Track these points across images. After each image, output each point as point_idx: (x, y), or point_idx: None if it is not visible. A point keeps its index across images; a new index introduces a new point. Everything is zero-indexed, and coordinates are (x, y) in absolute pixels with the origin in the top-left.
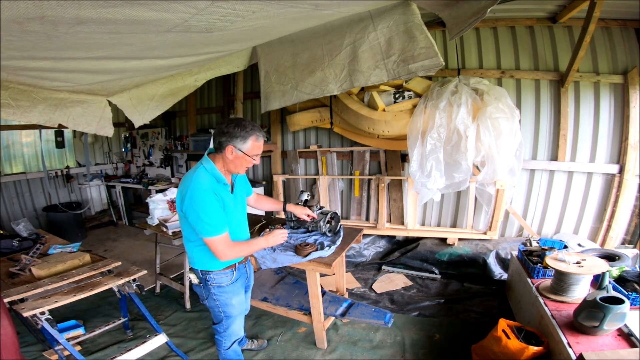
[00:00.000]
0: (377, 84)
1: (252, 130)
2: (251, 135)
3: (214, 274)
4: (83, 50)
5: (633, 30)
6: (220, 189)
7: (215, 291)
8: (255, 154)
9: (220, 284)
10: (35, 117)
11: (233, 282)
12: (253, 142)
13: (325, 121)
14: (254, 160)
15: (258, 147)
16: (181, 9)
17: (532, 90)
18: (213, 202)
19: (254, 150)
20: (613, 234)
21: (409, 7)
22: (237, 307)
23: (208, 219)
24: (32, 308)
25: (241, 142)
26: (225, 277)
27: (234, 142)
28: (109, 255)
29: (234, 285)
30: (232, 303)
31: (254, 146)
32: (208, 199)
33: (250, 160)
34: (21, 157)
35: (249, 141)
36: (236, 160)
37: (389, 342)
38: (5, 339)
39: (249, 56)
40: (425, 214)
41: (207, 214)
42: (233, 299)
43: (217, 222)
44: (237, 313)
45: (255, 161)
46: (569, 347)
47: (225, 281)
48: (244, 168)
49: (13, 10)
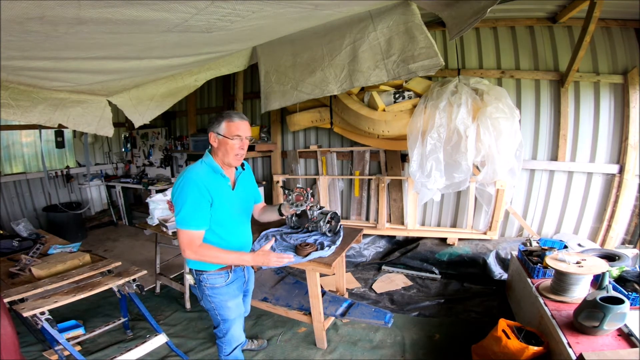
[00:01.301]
0: (377, 84)
1: (227, 115)
2: (224, 118)
3: (207, 274)
4: (83, 50)
5: (633, 30)
6: (215, 181)
7: (210, 292)
8: (233, 134)
9: (214, 285)
10: (35, 117)
11: (228, 283)
12: (227, 123)
13: (325, 121)
14: (234, 141)
15: (235, 127)
16: (181, 9)
17: (532, 90)
18: (196, 195)
19: (231, 130)
20: (613, 234)
21: (409, 7)
22: (233, 309)
23: (185, 209)
24: (32, 308)
25: (217, 126)
26: (219, 278)
27: (213, 129)
28: (109, 255)
29: (229, 287)
30: (227, 305)
31: (229, 126)
32: (192, 190)
33: (231, 142)
34: (21, 157)
35: (223, 123)
36: (221, 147)
37: (389, 342)
38: (5, 339)
39: (249, 56)
40: (425, 214)
41: (186, 203)
42: (229, 301)
43: (193, 215)
44: (234, 316)
45: (236, 143)
46: (569, 347)
47: (219, 282)
48: (232, 154)
49: (13, 10)
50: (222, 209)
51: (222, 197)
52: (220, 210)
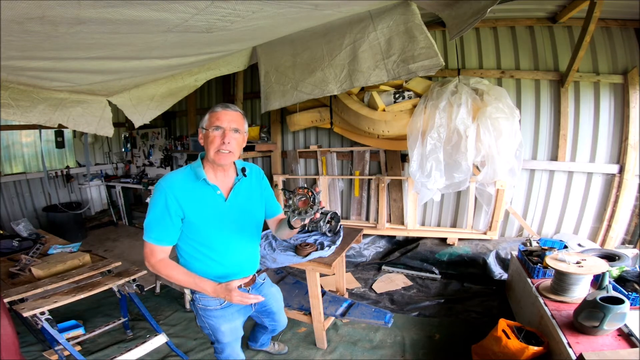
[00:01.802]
0: (377, 84)
1: (212, 107)
2: (208, 111)
3: (200, 294)
4: (83, 50)
5: (633, 30)
6: (194, 191)
7: (202, 313)
8: (213, 125)
9: (206, 306)
10: (35, 117)
11: (224, 307)
12: (209, 114)
13: (325, 121)
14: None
15: (215, 117)
16: (181, 9)
17: (532, 90)
18: (160, 207)
19: (211, 121)
20: (613, 234)
21: (409, 7)
22: (227, 334)
23: (147, 219)
24: (32, 308)
25: (201, 120)
26: (212, 300)
27: (199, 125)
28: (109, 255)
29: (224, 311)
30: (221, 330)
31: (210, 117)
32: (158, 200)
33: (212, 134)
34: (21, 157)
35: (206, 115)
36: (205, 143)
37: (389, 342)
38: (5, 339)
39: (249, 56)
40: (425, 214)
41: (149, 214)
42: (222, 325)
43: (152, 228)
44: (227, 340)
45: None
46: (569, 347)
47: (212, 305)
48: (212, 149)
49: (13, 10)
50: (204, 224)
51: (204, 210)
52: (201, 226)
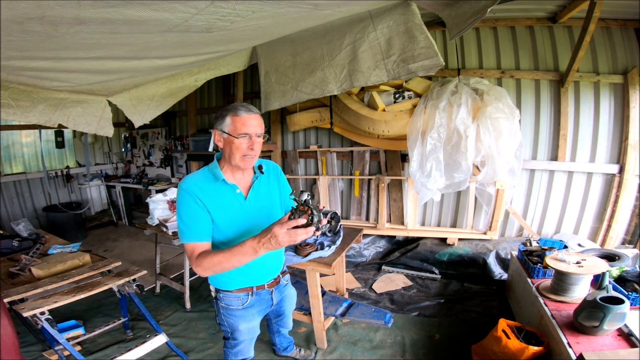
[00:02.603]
0: (377, 84)
1: (230, 109)
2: (229, 112)
3: (224, 293)
4: (83, 50)
5: (633, 30)
6: (214, 191)
7: (223, 312)
8: (240, 132)
9: (229, 305)
10: (35, 117)
11: (245, 307)
12: (231, 117)
13: (325, 121)
14: (240, 140)
15: (241, 123)
16: (181, 9)
17: (532, 90)
18: (189, 204)
19: (236, 127)
20: (613, 234)
21: (409, 7)
22: (244, 333)
23: (180, 222)
24: (32, 308)
25: (221, 122)
26: (236, 300)
27: (217, 126)
28: (109, 255)
29: (245, 311)
30: (239, 329)
31: (234, 121)
32: (184, 199)
33: (238, 140)
34: (21, 157)
35: (227, 118)
36: (227, 146)
37: (389, 342)
38: (5, 339)
39: (249, 56)
40: (425, 214)
41: (181, 216)
42: (242, 324)
43: (190, 226)
44: (244, 339)
45: (243, 142)
46: (569, 347)
47: (235, 304)
48: (238, 155)
49: (13, 10)
50: (226, 224)
51: (225, 210)
52: (223, 226)
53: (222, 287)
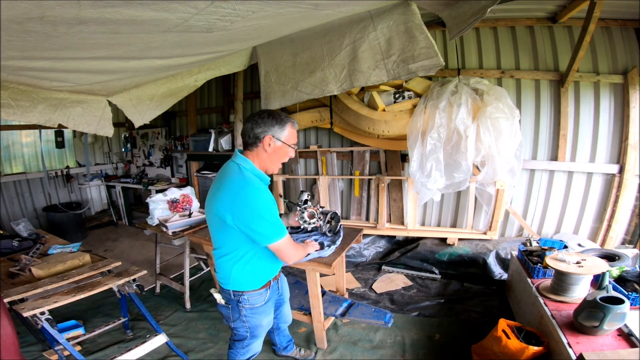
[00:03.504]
0: (377, 84)
1: (288, 118)
2: (288, 122)
3: (248, 294)
4: (83, 50)
5: (633, 30)
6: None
7: (247, 313)
8: (294, 142)
9: (253, 305)
10: (35, 117)
11: (266, 301)
12: (290, 128)
13: (325, 121)
14: (292, 150)
15: (294, 136)
16: (181, 9)
17: (532, 90)
18: (270, 203)
19: (292, 138)
20: (613, 234)
21: (409, 7)
22: (266, 327)
23: (274, 220)
24: (32, 308)
25: (279, 130)
26: (259, 297)
27: (273, 132)
28: (109, 255)
29: (266, 305)
30: (262, 324)
31: (292, 134)
32: (270, 199)
33: (290, 150)
34: (21, 157)
35: (287, 128)
36: (274, 153)
37: (389, 342)
38: (5, 339)
39: (249, 56)
40: (425, 214)
41: (273, 214)
42: (264, 319)
43: (279, 223)
44: (264, 333)
45: (291, 152)
46: (569, 347)
47: (259, 302)
48: (280, 162)
49: (13, 10)
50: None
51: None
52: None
53: (249, 288)
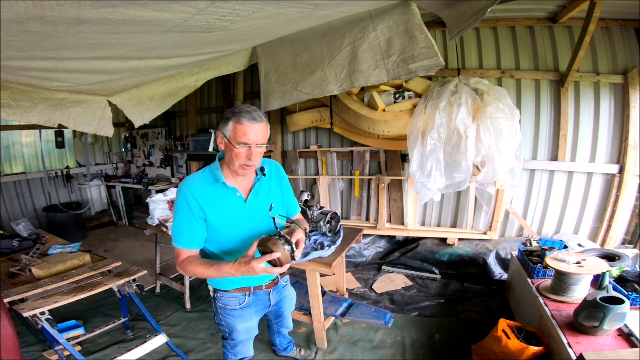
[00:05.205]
0: (377, 84)
1: (236, 112)
2: (233, 116)
3: (221, 293)
4: (83, 50)
5: (633, 30)
6: (214, 194)
7: (221, 312)
8: (240, 141)
9: (226, 305)
10: (35, 117)
11: (242, 307)
12: (233, 123)
13: (325, 121)
14: (239, 149)
15: (242, 132)
16: (181, 9)
17: (532, 90)
18: (184, 211)
19: (237, 134)
20: (613, 234)
21: (409, 7)
22: (242, 333)
23: (174, 225)
24: (32, 308)
25: (223, 125)
26: (233, 300)
27: (220, 128)
28: (109, 255)
29: (242, 311)
30: (237, 328)
31: (235, 129)
32: (181, 205)
33: (236, 150)
34: (21, 157)
35: (230, 124)
36: (227, 152)
37: (389, 342)
38: (5, 339)
39: (249, 56)
40: (425, 214)
41: (175, 220)
42: (239, 324)
43: (179, 233)
44: (242, 339)
45: (241, 152)
46: (569, 347)
47: (232, 304)
48: (237, 163)
49: (13, 10)
50: (225, 226)
51: (224, 213)
52: (222, 229)
53: (220, 287)
